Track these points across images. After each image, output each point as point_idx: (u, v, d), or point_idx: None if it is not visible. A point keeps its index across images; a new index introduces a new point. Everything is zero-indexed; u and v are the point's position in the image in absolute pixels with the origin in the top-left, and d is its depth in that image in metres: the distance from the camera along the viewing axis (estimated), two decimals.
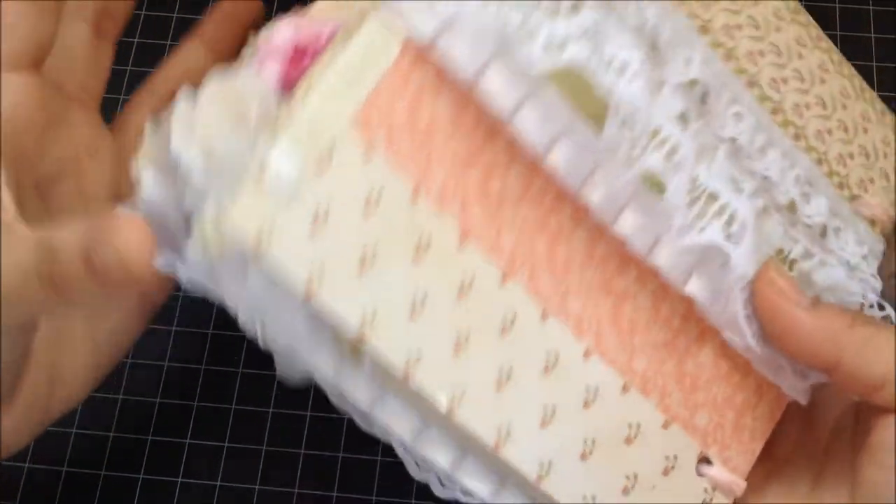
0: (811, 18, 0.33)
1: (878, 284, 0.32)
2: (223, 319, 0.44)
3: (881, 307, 0.32)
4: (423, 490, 0.28)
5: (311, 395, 0.42)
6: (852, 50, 0.47)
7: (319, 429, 0.41)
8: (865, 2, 0.49)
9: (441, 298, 0.24)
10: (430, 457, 0.26)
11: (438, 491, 0.28)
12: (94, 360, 0.31)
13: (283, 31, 0.25)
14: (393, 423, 0.26)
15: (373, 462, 0.41)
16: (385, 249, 0.23)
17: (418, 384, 0.24)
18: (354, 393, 0.25)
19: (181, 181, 0.23)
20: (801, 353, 0.29)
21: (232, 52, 0.34)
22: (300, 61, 0.24)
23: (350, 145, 0.23)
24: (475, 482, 0.27)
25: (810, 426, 0.32)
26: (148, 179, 0.24)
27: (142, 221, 0.23)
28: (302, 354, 0.24)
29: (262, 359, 0.43)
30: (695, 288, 0.28)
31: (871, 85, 0.46)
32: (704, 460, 0.29)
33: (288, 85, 0.24)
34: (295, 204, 0.22)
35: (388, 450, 0.28)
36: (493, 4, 0.24)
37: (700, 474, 0.29)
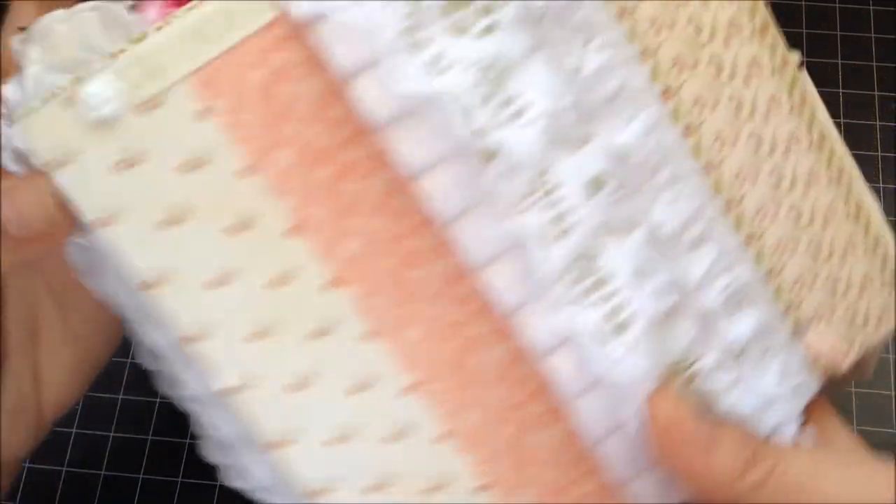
0: (822, 111, 0.29)
1: (799, 422, 0.29)
2: None
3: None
4: None
5: None
6: (852, 50, 0.47)
7: None
8: (865, 2, 0.49)
9: (251, 281, 0.23)
10: (221, 427, 0.25)
11: (224, 472, 0.27)
12: (76, 354, 0.30)
13: None
14: (187, 378, 0.25)
15: None
16: (198, 213, 0.22)
17: (205, 356, 0.23)
18: (150, 332, 0.24)
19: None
20: (690, 490, 0.27)
21: None
22: (178, 6, 0.23)
23: (184, 98, 0.21)
24: (260, 471, 0.26)
25: None
26: (8, 92, 0.24)
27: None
28: (103, 277, 0.23)
29: None
30: (558, 365, 0.26)
31: (871, 85, 0.46)
32: None
33: None
34: (103, 135, 0.21)
35: None
36: (391, 5, 0.22)
37: None
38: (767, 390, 0.28)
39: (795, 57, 0.29)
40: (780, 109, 0.28)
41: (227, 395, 0.23)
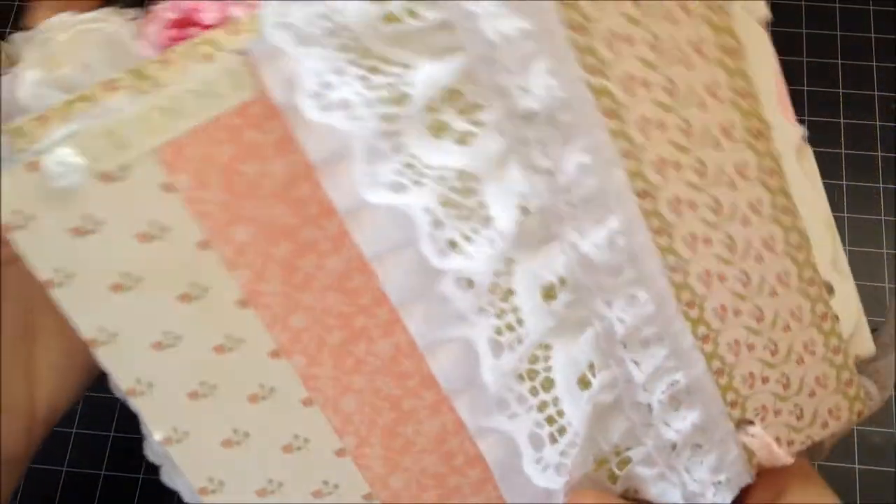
0: (820, 206, 0.28)
1: None
2: None
3: None
4: None
5: None
6: (852, 50, 0.48)
7: None
8: (865, 2, 0.50)
9: (196, 345, 0.24)
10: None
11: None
12: (71, 355, 0.30)
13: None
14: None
15: None
16: (152, 279, 0.23)
17: (140, 410, 0.24)
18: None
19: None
20: None
21: None
22: (183, 28, 0.23)
23: (148, 171, 0.21)
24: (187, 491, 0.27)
25: None
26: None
27: None
28: None
29: None
30: (488, 448, 0.26)
31: (871, 85, 0.47)
32: None
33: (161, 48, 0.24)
34: (62, 202, 0.21)
35: None
36: (372, 107, 0.21)
37: None
38: (699, 481, 0.29)
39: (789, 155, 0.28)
40: (760, 214, 0.27)
41: (163, 445, 0.24)
